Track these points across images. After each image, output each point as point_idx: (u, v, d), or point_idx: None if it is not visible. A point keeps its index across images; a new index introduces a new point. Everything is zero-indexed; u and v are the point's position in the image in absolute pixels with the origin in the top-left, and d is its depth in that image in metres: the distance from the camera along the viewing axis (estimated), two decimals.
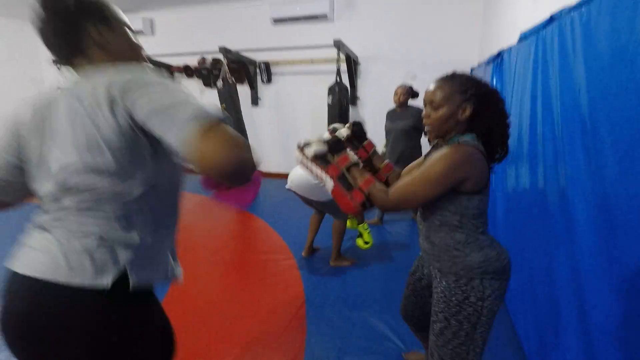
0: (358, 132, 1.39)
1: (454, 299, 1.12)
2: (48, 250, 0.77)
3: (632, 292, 0.99)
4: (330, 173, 1.12)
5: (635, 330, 0.99)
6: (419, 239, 1.26)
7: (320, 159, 1.14)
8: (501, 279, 1.12)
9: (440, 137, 1.16)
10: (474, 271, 1.10)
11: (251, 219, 4.05)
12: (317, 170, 1.14)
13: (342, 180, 1.12)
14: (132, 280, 0.78)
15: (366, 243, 3.00)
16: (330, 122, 4.72)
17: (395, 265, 2.84)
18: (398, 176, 1.38)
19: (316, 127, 5.64)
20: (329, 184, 1.12)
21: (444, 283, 1.15)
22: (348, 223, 3.16)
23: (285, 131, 5.92)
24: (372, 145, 1.42)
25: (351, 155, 1.18)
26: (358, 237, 3.05)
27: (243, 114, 5.23)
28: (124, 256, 0.78)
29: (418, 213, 1.26)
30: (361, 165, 1.21)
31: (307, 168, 1.16)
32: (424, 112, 1.16)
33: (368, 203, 1.10)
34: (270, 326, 2.08)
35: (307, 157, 1.15)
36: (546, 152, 1.60)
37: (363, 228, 3.01)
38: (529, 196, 1.84)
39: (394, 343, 1.94)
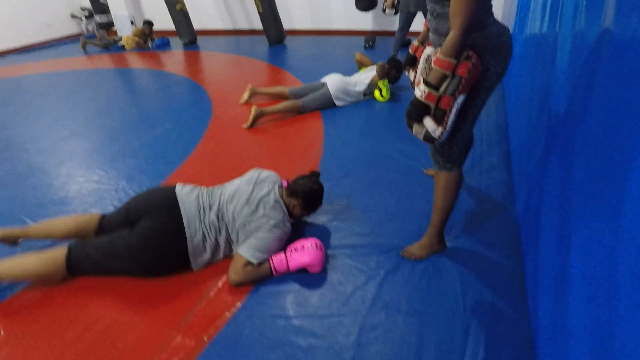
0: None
1: None
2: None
3: None
4: (461, 71, 1.13)
5: None
6: (429, 37, 1.33)
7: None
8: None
9: None
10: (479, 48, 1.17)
11: (279, 71, 4.25)
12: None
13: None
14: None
15: (382, 97, 3.20)
16: None
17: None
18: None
19: None
20: (461, 70, 1.14)
21: None
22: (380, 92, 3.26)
23: None
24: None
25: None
26: (377, 90, 3.22)
27: None
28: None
29: (428, 15, 1.30)
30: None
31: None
32: None
33: (465, 53, 1.14)
34: (296, 147, 2.51)
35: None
36: None
37: (383, 84, 3.18)
38: None
39: (412, 162, 2.27)
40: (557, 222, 1.08)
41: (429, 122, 1.22)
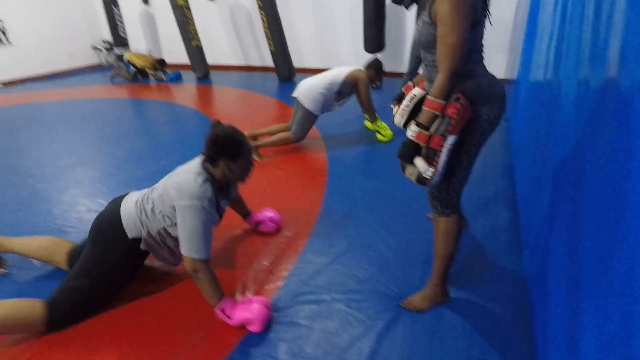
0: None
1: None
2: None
3: None
4: (450, 111, 1.17)
5: None
6: (425, 85, 1.35)
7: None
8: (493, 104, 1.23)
9: None
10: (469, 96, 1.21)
11: (286, 107, 4.31)
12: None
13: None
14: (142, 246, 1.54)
15: (384, 136, 3.23)
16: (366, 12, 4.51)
17: None
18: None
19: (354, 19, 5.41)
20: (449, 111, 1.17)
21: None
22: (368, 125, 3.37)
23: (321, 23, 5.75)
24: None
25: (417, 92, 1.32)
26: (377, 133, 3.26)
27: (280, 6, 5.14)
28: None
29: (422, 63, 1.34)
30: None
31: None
32: None
33: (454, 95, 1.18)
34: (298, 185, 2.46)
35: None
36: None
37: (378, 125, 3.22)
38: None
39: (415, 204, 2.23)
40: (565, 281, 1.02)
41: (420, 163, 1.21)
